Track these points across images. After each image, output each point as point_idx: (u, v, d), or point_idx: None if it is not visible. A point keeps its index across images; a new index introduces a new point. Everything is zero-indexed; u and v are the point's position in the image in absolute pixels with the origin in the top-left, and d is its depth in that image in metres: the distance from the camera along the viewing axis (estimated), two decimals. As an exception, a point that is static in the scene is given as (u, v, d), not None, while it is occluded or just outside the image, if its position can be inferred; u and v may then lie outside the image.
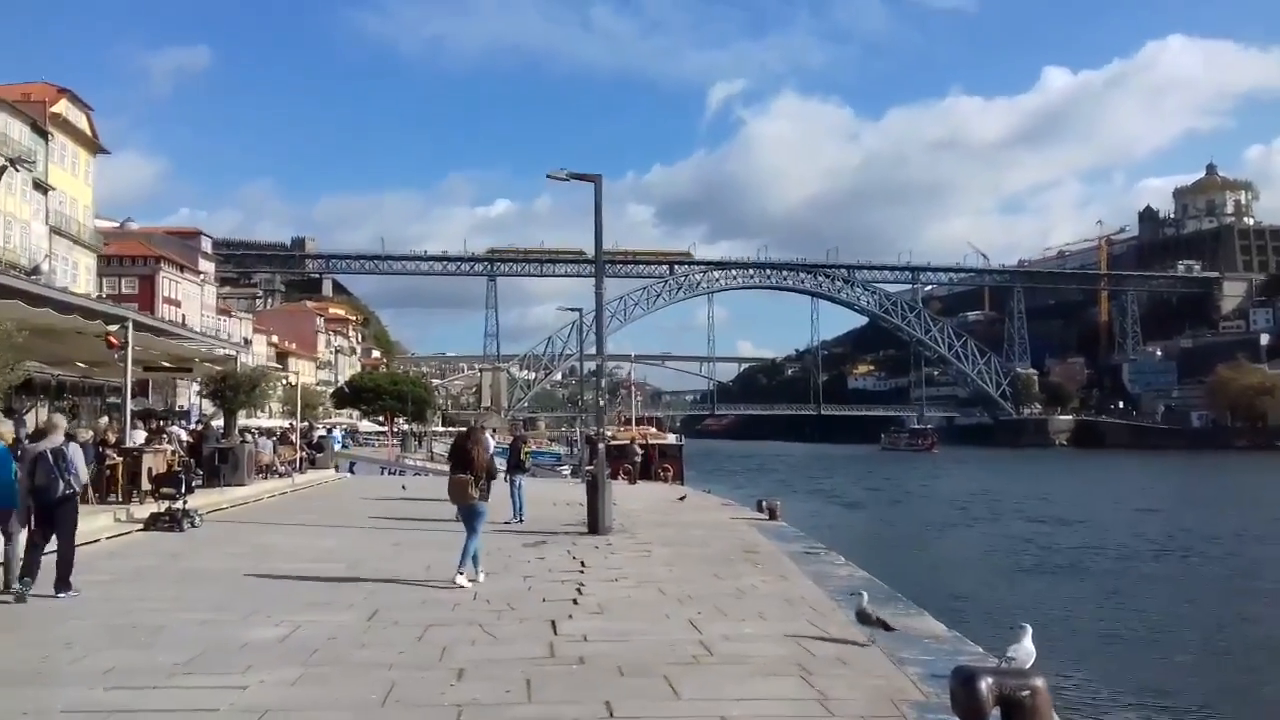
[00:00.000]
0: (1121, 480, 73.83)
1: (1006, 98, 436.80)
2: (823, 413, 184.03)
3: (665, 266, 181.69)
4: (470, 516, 10.88)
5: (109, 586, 10.35)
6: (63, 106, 64.26)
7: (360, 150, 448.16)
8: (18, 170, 55.88)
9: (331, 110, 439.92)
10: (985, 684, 5.18)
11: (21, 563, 9.62)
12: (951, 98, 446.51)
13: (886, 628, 7.73)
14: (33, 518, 9.75)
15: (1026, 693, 5.24)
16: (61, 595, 9.57)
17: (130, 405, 20.69)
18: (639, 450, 37.69)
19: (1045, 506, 49.89)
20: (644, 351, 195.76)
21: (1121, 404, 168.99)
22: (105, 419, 22.09)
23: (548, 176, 18.56)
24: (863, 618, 7.75)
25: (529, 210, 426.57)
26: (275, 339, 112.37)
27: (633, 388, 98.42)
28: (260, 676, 6.59)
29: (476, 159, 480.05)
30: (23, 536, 9.81)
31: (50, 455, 9.64)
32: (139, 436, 21.16)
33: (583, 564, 12.35)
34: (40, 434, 10.23)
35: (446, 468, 12.04)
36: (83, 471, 9.94)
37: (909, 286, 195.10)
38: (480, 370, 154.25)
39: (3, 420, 12.29)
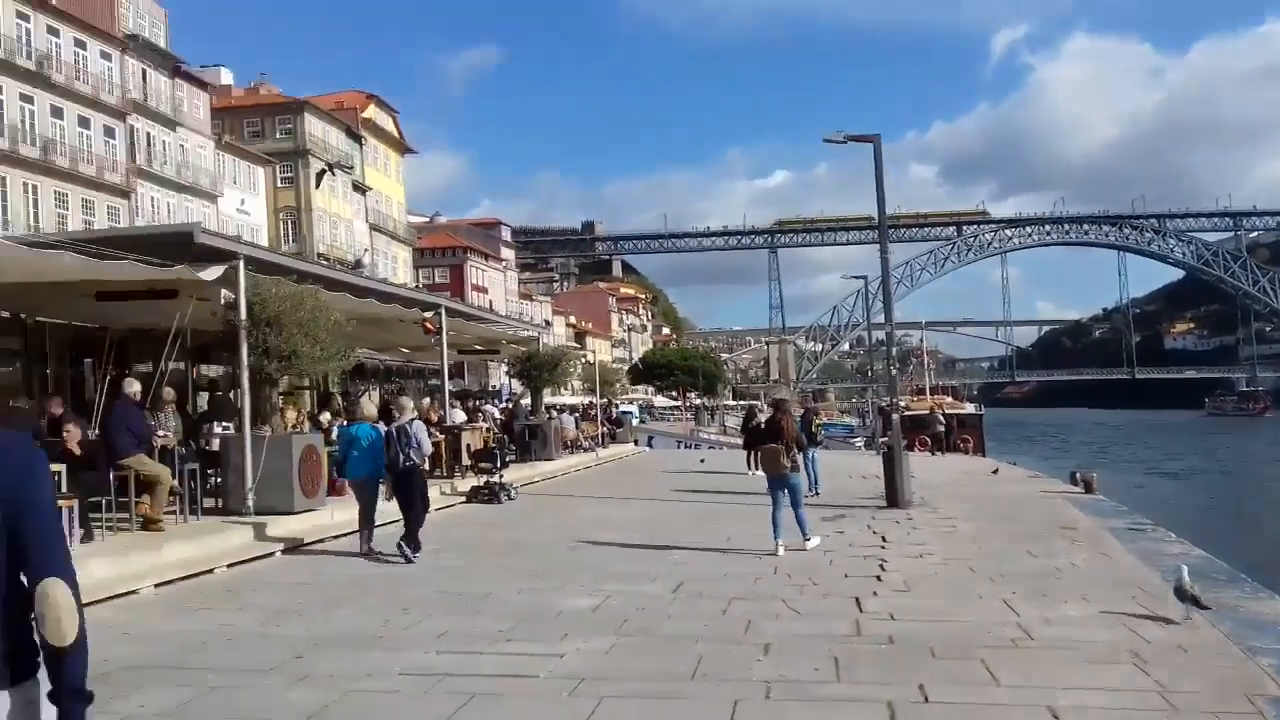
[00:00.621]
0: None
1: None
2: (1136, 376, 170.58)
3: (952, 228, 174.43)
4: (782, 486, 11.07)
5: (438, 556, 11.16)
6: (372, 112, 70.02)
7: (642, 132, 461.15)
8: (335, 174, 61.41)
9: (614, 96, 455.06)
10: (1369, 683, 4.53)
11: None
12: (1269, 23, 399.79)
13: (1199, 605, 7.15)
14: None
15: None
16: (410, 559, 10.71)
17: (448, 386, 22.15)
18: (941, 420, 36.28)
19: None
20: (935, 317, 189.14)
21: None
22: (428, 399, 23.78)
23: (824, 141, 18.42)
24: (1180, 593, 7.21)
25: (807, 178, 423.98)
26: (573, 319, 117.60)
27: (924, 356, 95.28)
28: (576, 645, 6.85)
29: (753, 131, 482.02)
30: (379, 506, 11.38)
31: (396, 431, 10.88)
32: (458, 415, 22.65)
33: (884, 539, 12.04)
34: (386, 413, 11.49)
35: (740, 441, 12.31)
36: (426, 446, 11.06)
37: (1230, 234, 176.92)
38: (767, 343, 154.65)
39: (367, 402, 13.70)
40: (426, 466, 11.53)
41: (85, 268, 10.84)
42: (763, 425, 12.22)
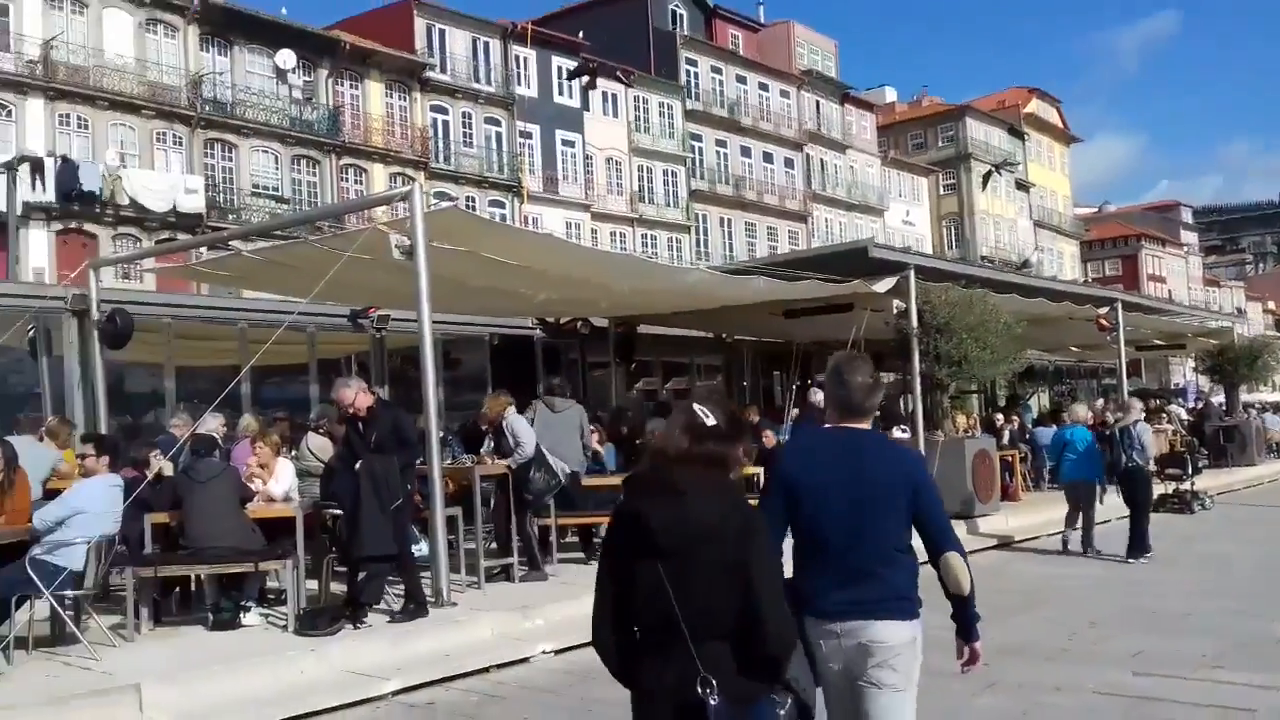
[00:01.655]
0: None
1: None
2: None
3: None
4: None
5: (1121, 567, 10.50)
6: (1034, 106, 67.92)
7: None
8: (1000, 175, 60.65)
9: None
10: None
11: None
12: None
13: None
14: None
15: None
16: (1131, 560, 10.62)
17: (1126, 385, 20.80)
18: None
19: None
20: None
21: None
22: (1101, 401, 22.60)
23: None
24: None
25: None
26: (1272, 305, 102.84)
27: None
28: (1307, 680, 5.99)
29: None
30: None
31: (1119, 432, 10.99)
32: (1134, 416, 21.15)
33: None
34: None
35: None
36: (1149, 448, 11.04)
37: None
38: None
39: (1080, 405, 13.86)
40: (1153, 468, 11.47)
41: (774, 289, 12.05)
42: None
